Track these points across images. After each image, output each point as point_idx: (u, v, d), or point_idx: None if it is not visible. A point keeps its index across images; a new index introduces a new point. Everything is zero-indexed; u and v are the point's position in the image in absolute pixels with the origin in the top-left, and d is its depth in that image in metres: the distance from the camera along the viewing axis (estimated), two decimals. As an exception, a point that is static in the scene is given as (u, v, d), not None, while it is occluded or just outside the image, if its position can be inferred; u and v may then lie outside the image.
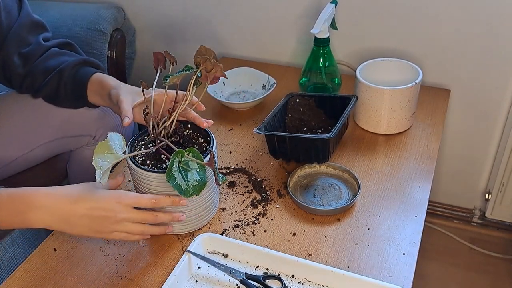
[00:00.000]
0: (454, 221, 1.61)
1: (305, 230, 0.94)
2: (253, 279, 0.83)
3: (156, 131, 0.88)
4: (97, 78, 1.01)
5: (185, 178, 0.80)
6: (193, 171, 0.81)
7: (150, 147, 0.88)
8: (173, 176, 0.79)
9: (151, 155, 0.88)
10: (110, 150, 0.79)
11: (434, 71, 1.37)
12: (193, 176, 0.81)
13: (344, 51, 1.44)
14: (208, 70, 0.86)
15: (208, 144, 0.91)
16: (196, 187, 0.81)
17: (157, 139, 0.87)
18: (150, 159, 0.87)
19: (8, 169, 1.13)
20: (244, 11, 1.48)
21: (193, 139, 0.92)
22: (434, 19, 1.30)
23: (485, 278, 1.47)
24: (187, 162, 0.81)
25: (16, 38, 1.02)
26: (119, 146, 0.81)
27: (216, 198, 0.96)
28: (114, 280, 0.86)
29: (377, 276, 0.84)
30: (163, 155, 0.87)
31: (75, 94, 1.03)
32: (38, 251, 0.92)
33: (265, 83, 1.33)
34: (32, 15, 1.06)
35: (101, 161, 0.77)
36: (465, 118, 1.42)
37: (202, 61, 0.86)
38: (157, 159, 0.87)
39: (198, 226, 0.93)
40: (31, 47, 1.03)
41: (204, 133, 0.93)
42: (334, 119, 1.14)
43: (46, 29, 1.09)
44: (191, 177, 0.81)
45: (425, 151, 1.12)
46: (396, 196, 1.01)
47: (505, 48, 1.28)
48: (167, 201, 0.83)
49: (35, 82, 1.04)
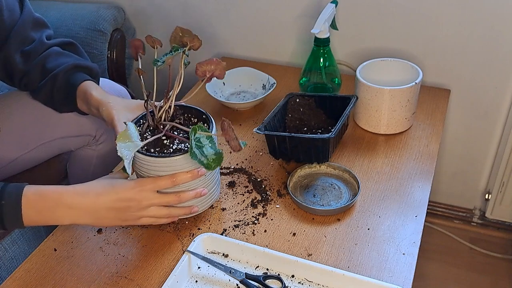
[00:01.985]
0: (454, 221, 1.61)
1: (305, 230, 0.94)
2: (253, 279, 0.83)
3: (156, 118, 0.88)
4: (83, 88, 1.00)
5: (203, 154, 0.81)
6: (206, 146, 0.82)
7: (147, 136, 0.88)
8: (194, 153, 0.80)
9: (151, 143, 0.87)
10: (130, 139, 0.79)
11: (434, 71, 1.37)
12: (208, 150, 0.82)
13: (344, 51, 1.44)
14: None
15: (204, 123, 0.91)
16: (215, 160, 0.82)
17: (158, 125, 0.87)
18: (152, 147, 0.86)
19: (8, 169, 1.13)
20: (244, 11, 1.48)
21: (192, 121, 0.93)
22: (434, 19, 1.30)
23: (485, 278, 1.47)
24: (199, 139, 0.82)
25: (18, 36, 1.02)
26: (135, 134, 0.81)
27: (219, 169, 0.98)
28: (114, 280, 0.86)
29: (377, 276, 0.84)
30: (167, 139, 0.87)
31: (67, 100, 1.03)
32: (38, 251, 0.92)
33: (265, 83, 1.33)
34: (34, 13, 1.06)
35: (125, 150, 0.77)
36: (465, 118, 1.42)
37: (189, 40, 0.86)
38: (160, 145, 0.87)
39: (213, 200, 0.95)
40: (33, 45, 1.03)
41: (198, 114, 0.93)
42: (334, 119, 1.14)
43: (48, 26, 1.09)
44: (207, 152, 0.82)
45: (425, 151, 1.12)
46: (396, 196, 1.01)
47: (505, 48, 1.28)
48: (187, 176, 0.84)
49: (33, 82, 1.04)
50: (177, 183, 0.84)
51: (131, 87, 1.58)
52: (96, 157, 1.20)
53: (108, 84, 1.20)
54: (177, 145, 0.86)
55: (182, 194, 0.85)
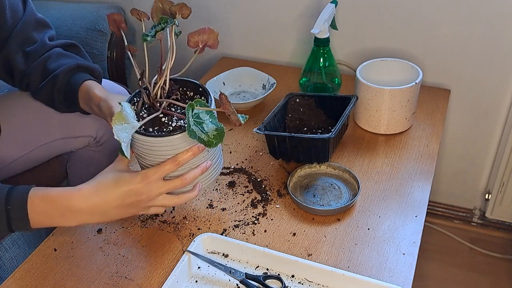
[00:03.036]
0: (454, 221, 1.61)
1: (305, 230, 0.94)
2: (253, 279, 0.83)
3: (152, 95, 0.83)
4: (85, 87, 1.00)
5: (203, 131, 0.77)
6: (206, 122, 0.78)
7: (144, 115, 0.83)
8: (193, 131, 0.76)
9: (149, 122, 0.82)
10: (126, 120, 0.75)
11: (434, 71, 1.37)
12: (209, 126, 0.78)
13: (344, 51, 1.44)
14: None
15: (201, 96, 0.87)
16: (217, 136, 0.78)
17: (155, 102, 0.83)
18: (150, 126, 0.82)
19: (8, 169, 1.13)
20: (244, 11, 1.48)
21: (188, 95, 0.89)
22: (434, 19, 1.30)
23: (485, 278, 1.47)
24: (198, 115, 0.78)
25: (20, 36, 1.02)
26: (131, 114, 0.77)
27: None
28: (114, 280, 0.86)
29: (377, 276, 0.84)
30: (164, 117, 0.82)
31: (68, 101, 1.03)
32: (38, 251, 0.92)
33: (265, 83, 1.33)
34: (36, 13, 1.06)
35: (122, 133, 0.73)
36: (465, 118, 1.42)
37: (177, 9, 0.81)
38: (158, 123, 0.82)
39: (218, 173, 0.91)
40: (35, 45, 1.03)
41: (195, 87, 0.89)
42: (334, 119, 1.14)
43: (50, 27, 1.09)
44: (208, 128, 0.78)
45: (425, 151, 1.12)
46: (396, 196, 1.01)
47: (505, 48, 1.28)
48: (188, 155, 0.81)
49: (33, 82, 1.04)
50: (180, 165, 0.81)
51: (131, 87, 1.58)
52: (97, 158, 1.20)
53: (108, 84, 1.20)
54: (176, 122, 0.82)
55: (187, 175, 0.83)
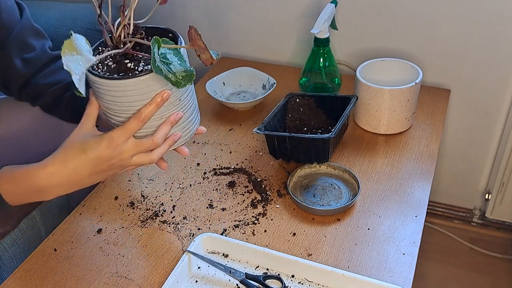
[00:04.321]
0: (454, 221, 1.62)
1: (305, 230, 0.94)
2: (253, 279, 0.83)
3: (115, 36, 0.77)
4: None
5: (171, 71, 0.70)
6: (174, 63, 0.72)
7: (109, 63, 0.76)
8: (159, 67, 0.69)
9: (114, 69, 0.75)
10: (79, 52, 0.67)
11: (434, 71, 1.37)
12: (177, 68, 0.72)
13: (344, 51, 1.44)
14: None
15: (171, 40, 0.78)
16: (185, 77, 0.72)
17: (118, 44, 0.77)
18: (116, 72, 0.74)
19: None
20: (244, 11, 1.48)
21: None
22: (434, 19, 1.30)
23: (485, 278, 1.47)
24: (165, 55, 0.71)
25: (18, 41, 1.01)
26: (86, 48, 0.69)
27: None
28: (114, 280, 0.86)
29: (377, 276, 0.84)
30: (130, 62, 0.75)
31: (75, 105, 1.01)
32: (38, 251, 0.92)
33: (265, 83, 1.33)
34: (33, 22, 1.05)
35: (73, 63, 0.65)
36: (465, 118, 1.42)
37: None
38: (124, 69, 0.75)
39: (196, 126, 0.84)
40: (36, 52, 1.02)
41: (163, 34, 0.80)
42: (334, 119, 1.14)
43: (47, 37, 1.07)
44: (176, 70, 0.71)
45: (425, 151, 1.12)
46: (396, 196, 1.01)
47: (505, 48, 1.28)
48: (152, 107, 0.74)
49: (37, 92, 1.02)
50: (146, 120, 0.75)
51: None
52: None
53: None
54: (143, 67, 0.74)
55: (156, 134, 0.77)
